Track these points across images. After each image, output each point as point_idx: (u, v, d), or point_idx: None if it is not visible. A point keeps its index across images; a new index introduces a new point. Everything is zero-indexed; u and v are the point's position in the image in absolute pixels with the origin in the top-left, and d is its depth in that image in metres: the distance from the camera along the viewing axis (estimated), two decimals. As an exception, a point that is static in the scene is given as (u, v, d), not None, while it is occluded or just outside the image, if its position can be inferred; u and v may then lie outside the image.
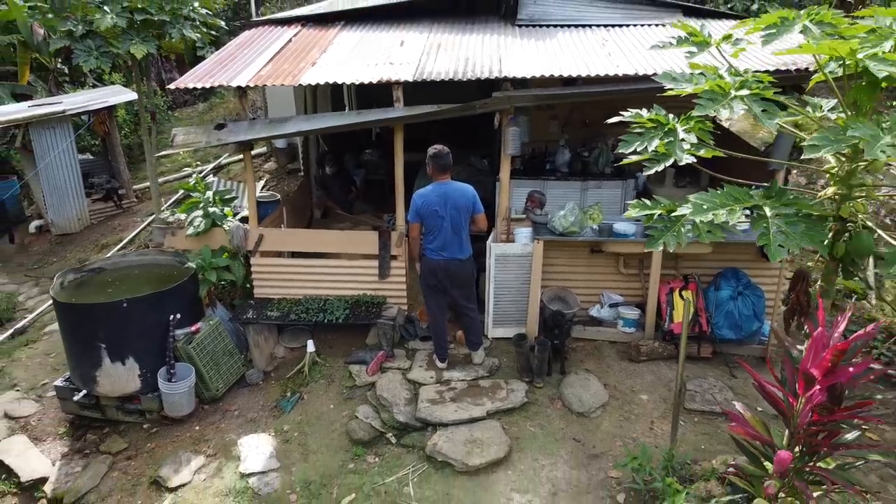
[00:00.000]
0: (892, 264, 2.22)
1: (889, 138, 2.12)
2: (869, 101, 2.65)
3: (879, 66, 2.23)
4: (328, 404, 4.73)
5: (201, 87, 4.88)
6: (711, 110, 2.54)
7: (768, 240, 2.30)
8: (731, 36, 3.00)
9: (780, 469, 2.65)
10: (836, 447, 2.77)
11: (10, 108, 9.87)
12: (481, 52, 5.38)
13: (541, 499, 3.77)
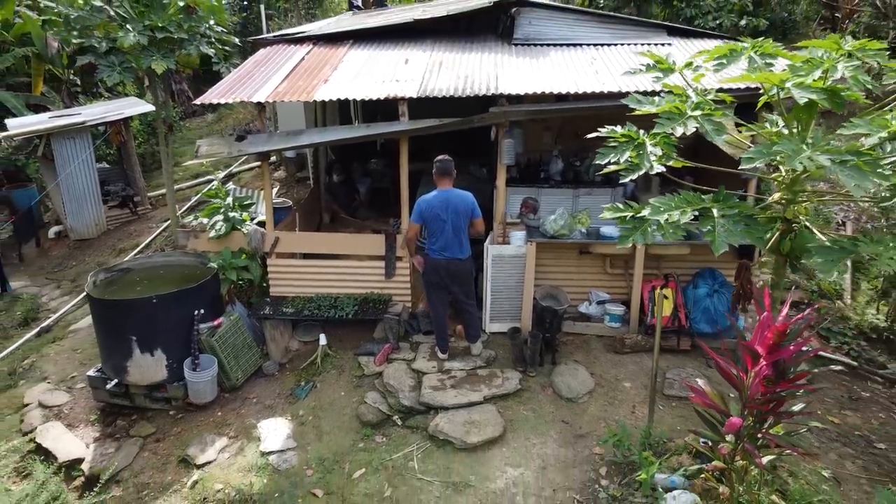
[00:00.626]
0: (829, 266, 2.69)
1: (809, 152, 2.61)
2: (808, 118, 3.14)
3: (803, 93, 2.72)
4: (339, 391, 5.21)
5: (225, 102, 5.40)
6: (669, 128, 3.04)
7: (714, 236, 2.79)
8: (691, 63, 3.49)
9: (731, 431, 3.12)
10: (781, 415, 3.24)
11: (32, 118, 10.41)
12: (479, 70, 5.89)
13: (532, 472, 4.24)
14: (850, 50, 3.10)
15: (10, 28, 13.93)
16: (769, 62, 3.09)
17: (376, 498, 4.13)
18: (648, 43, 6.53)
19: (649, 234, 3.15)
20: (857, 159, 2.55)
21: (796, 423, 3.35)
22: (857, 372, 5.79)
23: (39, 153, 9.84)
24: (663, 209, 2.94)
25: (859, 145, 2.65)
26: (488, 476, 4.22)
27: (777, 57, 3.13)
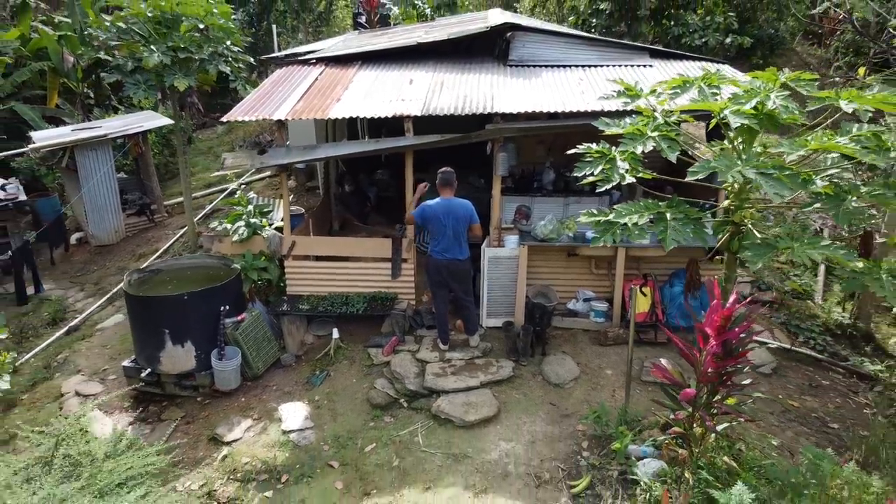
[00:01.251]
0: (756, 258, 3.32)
1: (740, 166, 3.25)
2: (750, 137, 3.78)
3: (737, 118, 3.37)
4: (351, 379, 5.83)
5: (250, 120, 6.07)
6: (632, 147, 3.68)
7: (665, 235, 3.43)
8: (655, 90, 4.14)
9: (686, 399, 3.74)
10: (730, 387, 3.86)
11: (56, 131, 11.09)
12: (477, 90, 6.56)
13: (522, 445, 4.85)
14: (785, 80, 3.77)
15: (27, 43, 14.66)
16: (715, 91, 3.74)
17: (386, 467, 4.74)
18: (632, 64, 7.20)
19: (617, 234, 3.79)
20: (779, 172, 3.20)
21: (745, 394, 3.96)
22: (820, 363, 6.41)
23: (63, 164, 10.49)
24: (625, 213, 3.58)
25: (782, 161, 3.30)
26: (484, 449, 4.83)
27: (723, 86, 3.78)
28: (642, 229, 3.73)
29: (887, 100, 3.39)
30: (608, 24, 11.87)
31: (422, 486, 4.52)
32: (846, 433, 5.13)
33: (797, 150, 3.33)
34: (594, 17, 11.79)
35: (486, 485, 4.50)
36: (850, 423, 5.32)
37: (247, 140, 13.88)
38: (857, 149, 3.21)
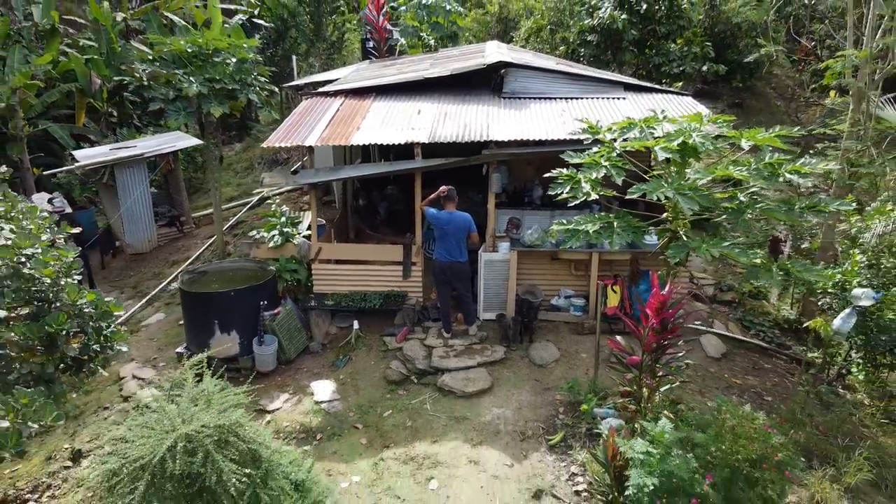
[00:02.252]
0: (675, 255, 4.57)
1: (665, 189, 4.51)
2: (681, 165, 5.05)
3: (662, 153, 4.64)
4: (369, 362, 7.06)
5: (285, 146, 7.35)
6: (589, 174, 4.94)
7: (612, 239, 4.68)
8: (612, 128, 5.41)
9: (633, 364, 4.98)
10: (665, 355, 5.09)
11: (96, 150, 12.39)
12: (475, 119, 7.84)
13: (510, 411, 6.07)
14: (709, 120, 5.06)
15: (56, 65, 16.05)
16: (652, 131, 5.02)
17: (401, 427, 5.96)
18: (608, 97, 8.50)
19: (581, 238, 5.05)
20: (692, 193, 4.46)
21: (678, 361, 5.18)
22: (766, 351, 7.64)
23: (104, 180, 11.79)
24: (584, 223, 4.84)
25: (693, 184, 4.56)
26: (480, 413, 6.05)
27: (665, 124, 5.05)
28: (599, 234, 4.99)
29: (779, 135, 4.67)
30: (595, 53, 13.22)
31: (430, 440, 5.74)
32: (777, 404, 6.35)
33: (706, 177, 4.60)
34: (583, 47, 13.14)
35: (481, 439, 5.72)
36: (782, 396, 6.54)
37: (264, 157, 15.20)
38: (748, 175, 4.48)
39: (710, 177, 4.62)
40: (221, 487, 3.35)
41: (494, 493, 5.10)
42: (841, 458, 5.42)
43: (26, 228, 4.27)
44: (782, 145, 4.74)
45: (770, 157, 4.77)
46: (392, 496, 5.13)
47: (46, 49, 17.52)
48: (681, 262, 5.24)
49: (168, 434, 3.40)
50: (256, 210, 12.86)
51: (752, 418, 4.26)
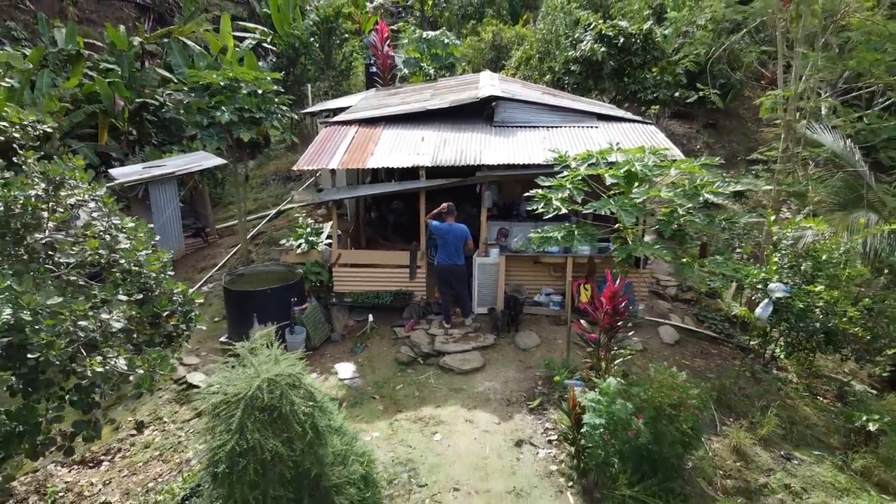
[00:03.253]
0: (619, 255, 6.12)
1: (611, 205, 6.07)
2: (628, 186, 6.62)
3: (610, 179, 6.20)
4: (383, 348, 8.58)
5: (312, 168, 8.90)
6: (556, 194, 6.50)
7: (573, 244, 6.23)
8: (576, 157, 6.98)
9: (592, 341, 6.52)
10: (618, 335, 6.63)
11: (130, 169, 13.91)
12: (470, 146, 9.40)
13: (499, 384, 7.59)
14: (650, 151, 6.65)
15: (81, 87, 17.64)
16: (606, 159, 6.59)
17: (410, 397, 7.47)
18: (583, 126, 10.09)
19: (551, 244, 6.61)
20: (633, 209, 6.03)
21: (628, 338, 6.72)
22: (715, 340, 9.19)
23: (139, 196, 13.31)
24: (553, 231, 6.40)
25: (634, 201, 6.13)
26: (474, 385, 7.58)
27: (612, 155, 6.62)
28: (564, 240, 6.55)
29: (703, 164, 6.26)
30: (578, 81, 14.86)
31: (434, 406, 7.25)
32: (715, 379, 7.88)
33: (643, 196, 6.17)
34: (567, 76, 14.78)
35: (475, 404, 7.24)
36: (723, 375, 8.07)
37: (278, 174, 16.78)
38: (672, 195, 6.05)
39: (646, 196, 6.19)
40: (293, 414, 4.86)
41: (485, 443, 6.61)
42: (757, 415, 6.96)
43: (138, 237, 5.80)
44: (702, 171, 6.33)
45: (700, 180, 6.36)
46: (405, 445, 6.63)
47: (72, 73, 19.17)
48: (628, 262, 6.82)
49: (255, 378, 4.92)
50: (274, 222, 14.42)
51: (674, 376, 5.80)
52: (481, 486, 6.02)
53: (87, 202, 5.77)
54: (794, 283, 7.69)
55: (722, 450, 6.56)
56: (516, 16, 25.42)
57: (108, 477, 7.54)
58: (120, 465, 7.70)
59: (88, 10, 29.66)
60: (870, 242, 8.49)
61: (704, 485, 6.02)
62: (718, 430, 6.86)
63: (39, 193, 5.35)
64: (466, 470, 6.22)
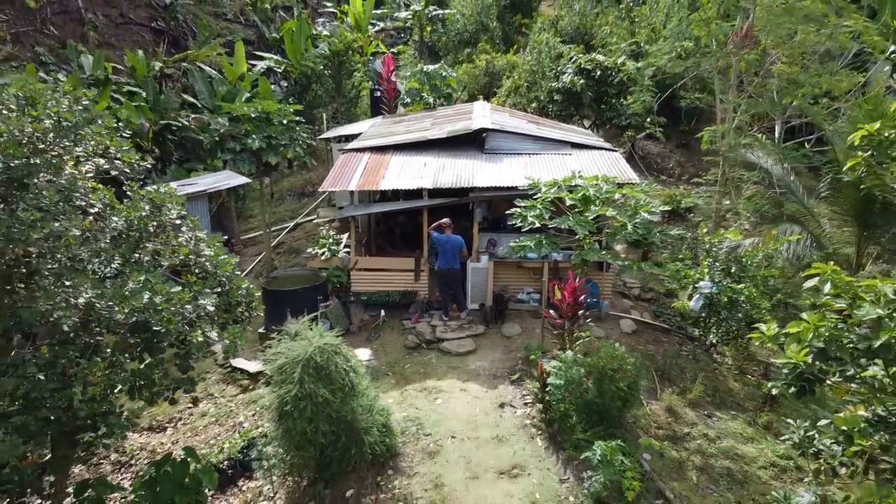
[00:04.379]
0: (576, 259, 8.15)
1: (569, 221, 8.10)
2: (584, 206, 8.66)
3: (570, 201, 8.24)
4: (393, 336, 10.59)
5: (334, 189, 10.94)
6: (529, 213, 8.54)
7: (541, 251, 8.26)
8: (547, 183, 9.02)
9: (557, 326, 8.54)
10: (578, 321, 8.66)
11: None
12: (464, 170, 11.44)
13: (487, 363, 9.60)
14: (603, 179, 8.72)
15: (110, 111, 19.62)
16: (569, 187, 8.64)
17: (416, 373, 9.47)
18: (559, 153, 12.16)
19: (526, 251, 8.66)
20: (585, 223, 8.08)
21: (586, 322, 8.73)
22: (668, 331, 11.21)
23: (175, 210, 15.28)
24: (526, 241, 8.45)
25: (588, 218, 8.18)
26: (467, 364, 9.59)
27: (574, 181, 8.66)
28: (535, 247, 8.59)
29: (642, 190, 8.31)
30: (561, 109, 16.97)
31: (435, 379, 9.25)
32: (660, 360, 9.89)
33: (594, 214, 8.22)
34: (551, 104, 16.90)
35: (468, 378, 9.24)
36: (666, 356, 10.08)
37: (293, 190, 18.84)
38: (616, 214, 8.10)
39: (596, 214, 8.23)
40: (336, 373, 6.86)
41: (475, 405, 8.61)
42: (689, 385, 8.98)
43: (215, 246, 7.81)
44: (641, 195, 8.38)
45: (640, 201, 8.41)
46: (413, 408, 8.62)
47: (100, 97, 21.18)
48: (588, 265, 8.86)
49: (309, 346, 6.92)
50: (292, 233, 16.46)
51: (615, 349, 7.82)
52: (472, 434, 8.01)
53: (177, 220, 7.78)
54: (724, 282, 9.73)
55: (658, 409, 8.57)
56: (509, 41, 27.68)
57: (174, 438, 9.51)
58: (183, 430, 9.67)
59: (108, 35, 31.73)
60: (792, 248, 10.55)
61: (641, 433, 8.03)
62: (658, 396, 8.88)
63: (147, 213, 7.35)
64: (461, 424, 8.22)
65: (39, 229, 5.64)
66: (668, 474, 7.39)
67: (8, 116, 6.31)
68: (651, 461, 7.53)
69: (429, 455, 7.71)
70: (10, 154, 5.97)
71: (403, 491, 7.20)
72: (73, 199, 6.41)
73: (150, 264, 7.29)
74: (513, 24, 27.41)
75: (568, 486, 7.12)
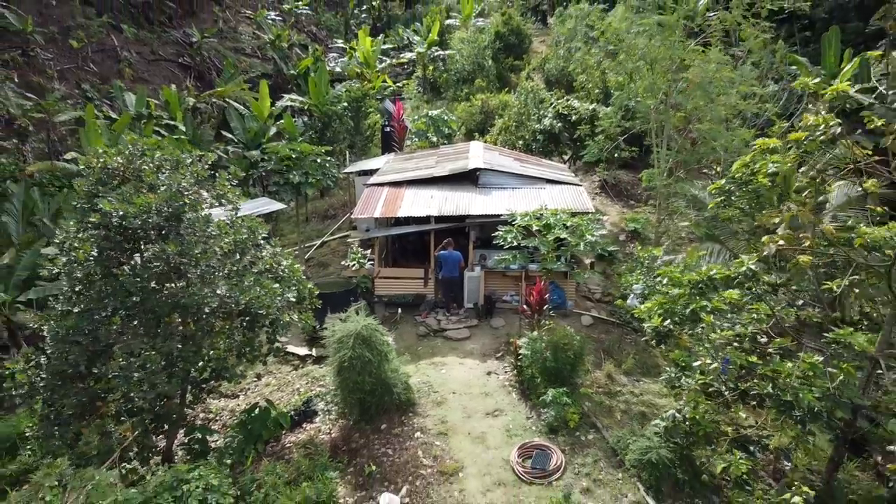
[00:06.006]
0: (542, 266, 11.74)
1: (534, 241, 11.70)
2: (547, 231, 12.28)
3: (535, 226, 11.86)
4: (408, 328, 14.17)
5: (362, 216, 14.60)
6: (509, 236, 12.15)
7: (514, 262, 11.86)
8: (521, 214, 12.63)
9: (525, 315, 12.15)
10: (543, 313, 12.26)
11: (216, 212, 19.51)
12: (461, 201, 15.08)
13: (479, 346, 13.19)
14: (562, 210, 12.41)
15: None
16: (537, 218, 12.27)
17: (426, 353, 13.04)
18: (536, 188, 15.82)
19: (507, 262, 12.32)
20: (546, 243, 11.71)
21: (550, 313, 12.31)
22: (618, 325, 14.80)
23: (225, 231, 18.89)
24: (506, 256, 12.07)
25: (548, 239, 11.80)
26: (464, 346, 13.17)
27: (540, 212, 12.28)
28: (512, 259, 12.21)
29: (585, 218, 11.96)
30: (543, 147, 20.67)
31: (440, 357, 12.82)
32: (607, 343, 13.46)
33: (553, 236, 11.85)
34: (534, 143, 20.61)
35: (464, 356, 12.82)
36: (611, 341, 13.65)
37: (316, 214, 22.47)
38: (568, 236, 11.72)
39: (555, 236, 11.84)
40: (375, 342, 10.42)
41: (470, 373, 12.17)
42: (625, 358, 12.56)
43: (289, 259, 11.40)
44: (584, 222, 12.02)
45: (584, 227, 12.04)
46: (425, 375, 12.17)
47: (144, 131, 24.84)
48: (552, 273, 12.49)
49: (358, 325, 10.48)
50: (319, 250, 20.07)
51: (566, 329, 11.41)
52: (467, 391, 11.57)
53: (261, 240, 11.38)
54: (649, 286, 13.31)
55: (600, 376, 12.12)
56: (503, 79, 31.57)
57: (247, 401, 13.04)
58: (252, 396, 13.21)
59: (141, 70, 35.65)
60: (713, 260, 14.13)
61: (586, 389, 11.57)
62: (602, 367, 12.43)
63: (246, 236, 10.93)
64: (459, 385, 11.78)
65: (197, 245, 9.27)
66: (600, 414, 10.92)
67: (167, 174, 9.96)
68: (590, 406, 11.08)
69: (437, 404, 11.26)
70: (171, 199, 9.55)
71: (420, 425, 10.73)
72: (207, 228, 10.03)
73: (246, 270, 10.90)
74: (506, 65, 31.30)
75: (531, 420, 10.67)
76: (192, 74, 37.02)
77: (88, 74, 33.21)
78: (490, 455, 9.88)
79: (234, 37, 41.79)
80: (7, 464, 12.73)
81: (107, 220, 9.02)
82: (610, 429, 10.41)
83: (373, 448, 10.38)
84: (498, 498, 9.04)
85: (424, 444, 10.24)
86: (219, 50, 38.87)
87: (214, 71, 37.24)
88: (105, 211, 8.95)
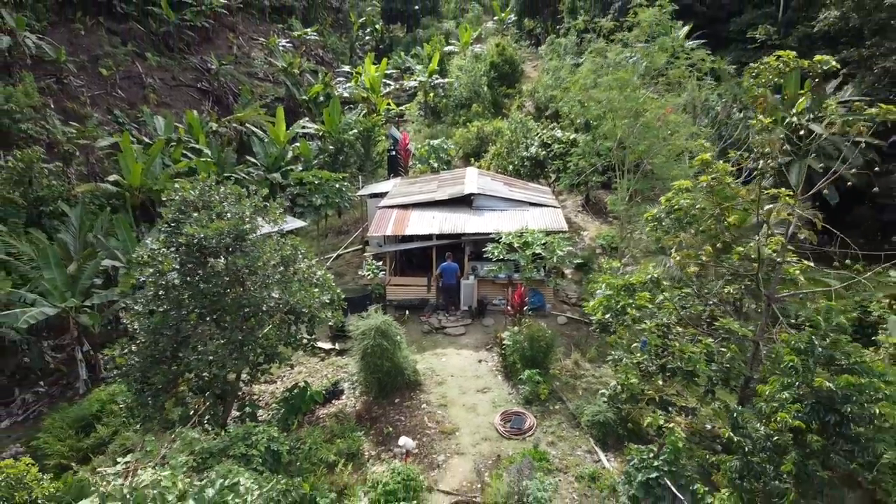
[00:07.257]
0: (523, 274, 14.96)
1: (517, 255, 14.92)
2: (526, 247, 15.52)
3: (516, 245, 15.10)
4: (414, 326, 17.37)
5: (375, 234, 17.86)
6: (497, 251, 15.38)
7: (499, 271, 15.08)
8: (505, 233, 15.87)
9: (509, 314, 15.39)
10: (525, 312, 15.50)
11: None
12: (458, 221, 18.32)
13: (473, 340, 16.41)
14: (539, 230, 15.71)
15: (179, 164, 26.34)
16: (520, 237, 15.52)
17: (430, 346, 16.25)
18: (521, 210, 19.07)
19: (498, 272, 15.59)
20: (525, 257, 14.97)
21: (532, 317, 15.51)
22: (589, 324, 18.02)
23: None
24: (494, 267, 15.33)
25: (527, 254, 15.05)
26: (461, 341, 16.38)
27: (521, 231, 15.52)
28: (498, 269, 15.46)
29: (556, 238, 15.23)
30: (530, 171, 23.95)
31: (441, 349, 16.04)
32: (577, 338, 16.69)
33: (529, 252, 15.09)
34: (522, 168, 23.90)
35: (461, 348, 16.03)
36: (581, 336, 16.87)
37: (331, 230, 25.71)
38: (542, 251, 14.97)
39: (529, 251, 15.06)
40: (391, 334, 13.63)
41: (465, 361, 15.37)
42: (590, 349, 15.78)
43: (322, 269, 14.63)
44: (556, 240, 15.29)
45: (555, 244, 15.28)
46: (428, 363, 15.37)
47: (173, 154, 28.05)
48: (532, 280, 15.76)
49: (377, 320, 13.69)
50: (335, 261, 23.30)
51: (539, 325, 14.64)
52: (462, 374, 14.78)
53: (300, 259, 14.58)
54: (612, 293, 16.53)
55: (569, 363, 15.31)
56: (497, 105, 34.98)
57: (284, 386, 16.24)
58: (287, 382, 16.42)
59: (164, 95, 38.98)
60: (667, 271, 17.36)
61: (555, 372, 14.76)
62: (570, 357, 15.63)
63: (291, 253, 14.13)
64: (456, 370, 14.99)
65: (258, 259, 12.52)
66: (566, 391, 14.11)
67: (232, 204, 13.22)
68: (558, 385, 14.28)
69: (438, 384, 14.47)
70: (236, 224, 12.78)
71: (425, 399, 13.93)
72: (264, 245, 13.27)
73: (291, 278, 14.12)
74: (500, 92, 34.72)
75: (512, 395, 13.88)
76: (210, 98, 40.34)
77: (117, 100, 36.53)
78: (479, 420, 13.07)
79: (248, 62, 45.15)
80: (83, 439, 15.95)
81: (190, 240, 12.22)
82: (572, 401, 13.61)
83: (389, 416, 13.57)
84: (485, 449, 12.23)
85: (429, 412, 13.43)
86: (234, 75, 42.22)
87: (231, 95, 40.57)
88: (189, 234, 12.15)
